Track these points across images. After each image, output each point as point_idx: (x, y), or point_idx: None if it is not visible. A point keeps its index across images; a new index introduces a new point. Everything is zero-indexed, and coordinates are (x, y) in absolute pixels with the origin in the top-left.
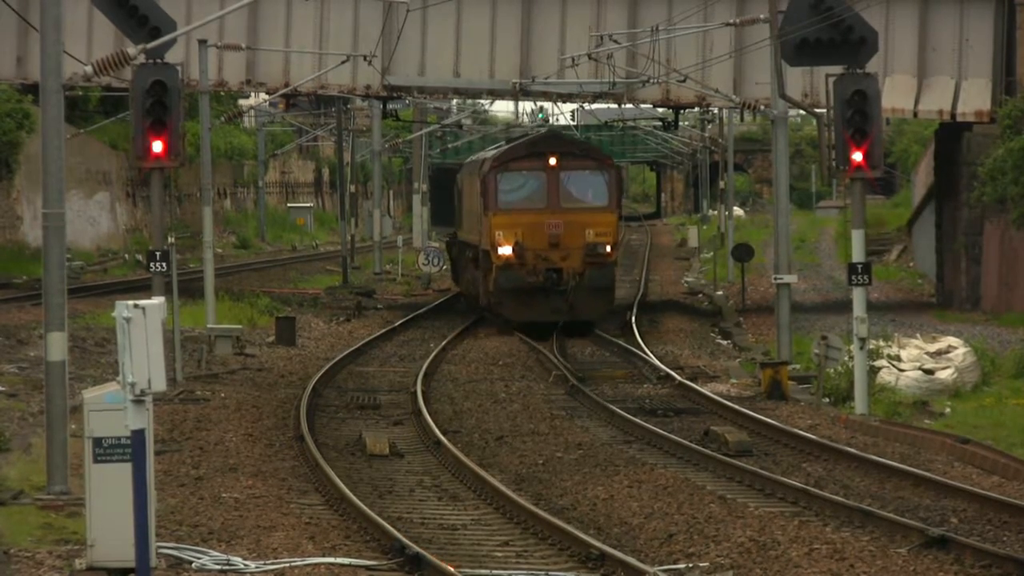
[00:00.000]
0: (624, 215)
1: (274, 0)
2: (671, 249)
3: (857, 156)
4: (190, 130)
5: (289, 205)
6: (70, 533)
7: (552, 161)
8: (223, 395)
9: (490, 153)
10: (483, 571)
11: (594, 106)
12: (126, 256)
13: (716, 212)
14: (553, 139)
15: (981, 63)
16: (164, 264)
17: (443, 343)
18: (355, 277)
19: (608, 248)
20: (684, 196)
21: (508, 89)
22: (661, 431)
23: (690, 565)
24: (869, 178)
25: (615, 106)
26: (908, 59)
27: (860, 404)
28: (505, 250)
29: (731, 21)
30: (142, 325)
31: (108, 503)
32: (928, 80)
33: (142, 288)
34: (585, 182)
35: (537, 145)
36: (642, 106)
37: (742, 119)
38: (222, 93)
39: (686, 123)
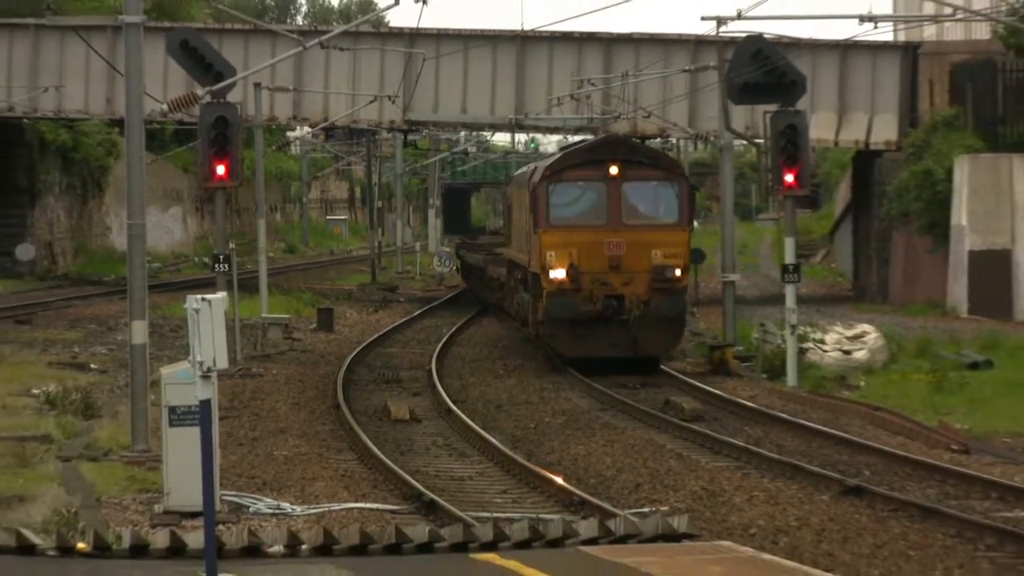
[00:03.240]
0: None
1: (315, 51)
2: None
3: (789, 178)
4: (247, 156)
5: (328, 217)
6: (150, 483)
7: (613, 170)
8: (274, 372)
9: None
10: (485, 514)
11: (575, 137)
12: (195, 259)
13: None
14: (615, 144)
15: (890, 101)
16: (226, 265)
17: (453, 329)
18: (381, 276)
19: (678, 272)
20: None
21: (506, 123)
22: (630, 401)
23: (653, 509)
24: (799, 195)
25: (593, 137)
26: (830, 98)
27: (791, 378)
28: (557, 273)
29: (687, 68)
30: (208, 315)
31: (181, 459)
32: (847, 115)
33: (208, 285)
34: (652, 194)
35: (596, 151)
36: None
37: (695, 147)
38: (273, 126)
39: None
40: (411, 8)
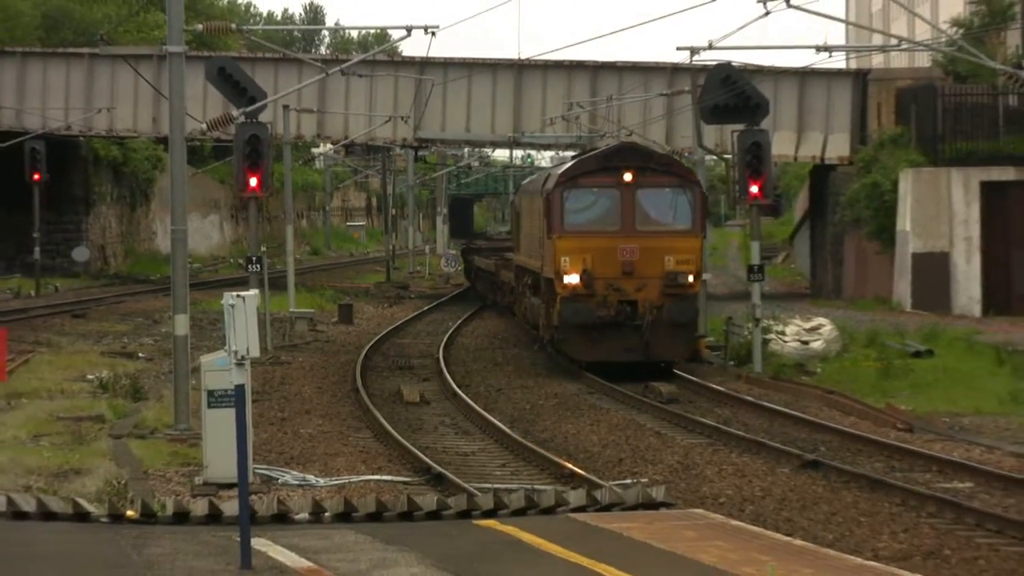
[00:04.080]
0: None
1: (337, 76)
2: None
3: (754, 188)
4: (276, 170)
5: (348, 223)
6: (191, 458)
7: (627, 177)
8: (300, 360)
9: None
10: (487, 485)
11: (566, 153)
12: (231, 260)
13: None
14: (629, 151)
15: (842, 121)
16: (258, 266)
17: (458, 323)
18: (395, 275)
19: (691, 278)
20: None
21: (505, 141)
22: (614, 385)
23: (635, 481)
24: (762, 204)
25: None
26: (790, 119)
27: (756, 365)
28: (571, 279)
29: (664, 92)
30: (242, 309)
31: (218, 437)
32: (805, 134)
33: (242, 283)
34: (665, 201)
35: (610, 158)
36: None
37: None
38: (299, 143)
39: None
40: (421, 39)
